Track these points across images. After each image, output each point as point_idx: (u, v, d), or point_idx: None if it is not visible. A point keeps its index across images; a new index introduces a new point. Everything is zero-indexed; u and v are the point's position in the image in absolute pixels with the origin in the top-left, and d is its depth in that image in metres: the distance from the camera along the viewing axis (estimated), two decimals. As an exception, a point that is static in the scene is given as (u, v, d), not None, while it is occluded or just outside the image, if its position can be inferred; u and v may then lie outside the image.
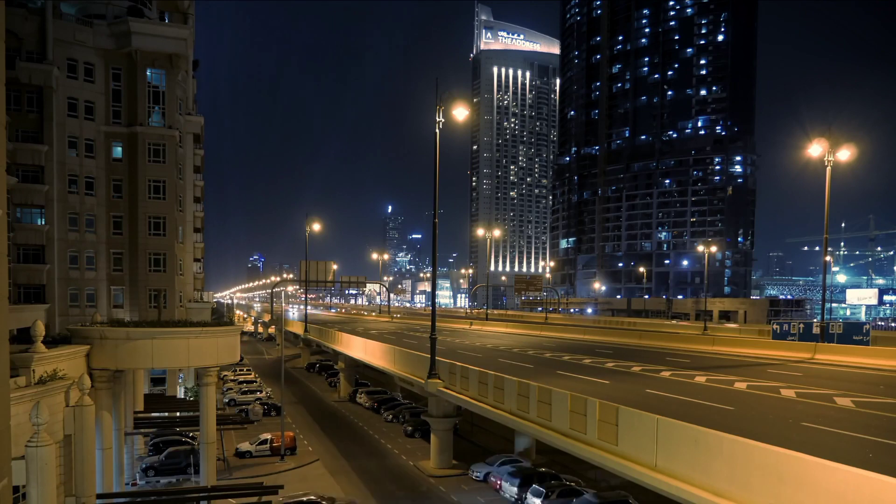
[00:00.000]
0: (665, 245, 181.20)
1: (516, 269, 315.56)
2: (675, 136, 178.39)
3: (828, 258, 51.99)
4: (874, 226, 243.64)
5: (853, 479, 12.45)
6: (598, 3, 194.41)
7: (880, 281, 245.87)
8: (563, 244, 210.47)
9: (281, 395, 52.58)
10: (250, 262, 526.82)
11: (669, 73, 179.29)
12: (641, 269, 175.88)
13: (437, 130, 33.42)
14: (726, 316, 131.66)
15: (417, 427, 49.83)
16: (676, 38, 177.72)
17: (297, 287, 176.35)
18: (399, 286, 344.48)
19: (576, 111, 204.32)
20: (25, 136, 41.17)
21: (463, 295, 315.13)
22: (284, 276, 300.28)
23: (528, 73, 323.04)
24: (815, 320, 57.49)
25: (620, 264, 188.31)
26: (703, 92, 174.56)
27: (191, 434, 41.47)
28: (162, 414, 44.08)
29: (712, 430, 16.21)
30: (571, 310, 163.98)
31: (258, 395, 63.61)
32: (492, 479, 37.12)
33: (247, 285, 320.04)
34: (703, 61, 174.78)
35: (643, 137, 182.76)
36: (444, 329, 73.31)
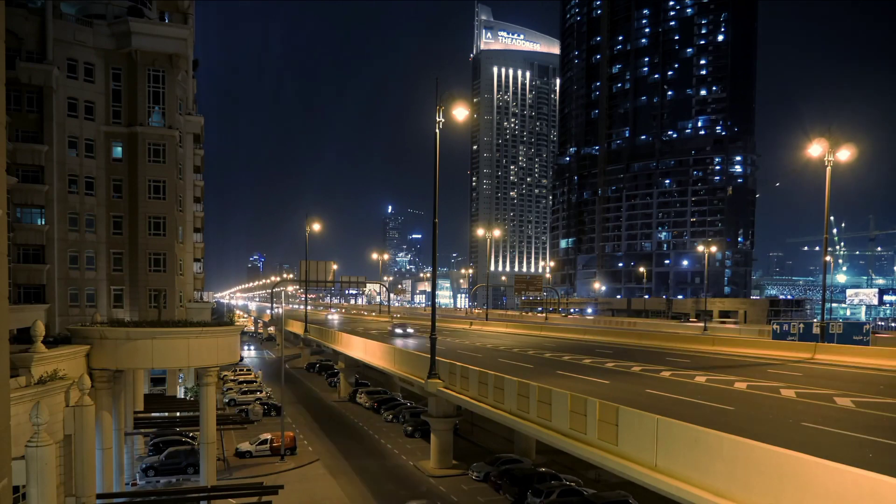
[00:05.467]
0: (665, 245, 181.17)
1: (516, 269, 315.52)
2: (675, 136, 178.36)
3: (828, 258, 51.97)
4: (874, 226, 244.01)
5: (853, 479, 12.43)
6: (598, 3, 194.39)
7: (880, 281, 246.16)
8: (563, 244, 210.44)
9: (281, 395, 52.59)
10: (250, 262, 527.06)
11: (669, 73, 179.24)
12: (641, 269, 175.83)
13: (438, 130, 33.41)
14: (726, 316, 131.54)
15: (417, 427, 49.83)
16: (676, 38, 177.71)
17: (297, 287, 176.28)
18: (399, 286, 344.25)
19: (576, 111, 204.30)
20: (25, 136, 41.21)
21: (463, 295, 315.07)
22: (284, 275, 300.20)
23: (528, 73, 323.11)
24: (815, 320, 57.49)
25: (620, 264, 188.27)
26: (703, 92, 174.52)
27: (191, 434, 41.49)
28: (162, 414, 44.09)
29: (712, 430, 16.17)
30: (571, 310, 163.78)
31: (258, 395, 63.62)
32: (492, 478, 37.11)
33: (247, 285, 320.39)
34: (703, 61, 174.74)
35: (643, 137, 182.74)
36: (444, 329, 73.29)
